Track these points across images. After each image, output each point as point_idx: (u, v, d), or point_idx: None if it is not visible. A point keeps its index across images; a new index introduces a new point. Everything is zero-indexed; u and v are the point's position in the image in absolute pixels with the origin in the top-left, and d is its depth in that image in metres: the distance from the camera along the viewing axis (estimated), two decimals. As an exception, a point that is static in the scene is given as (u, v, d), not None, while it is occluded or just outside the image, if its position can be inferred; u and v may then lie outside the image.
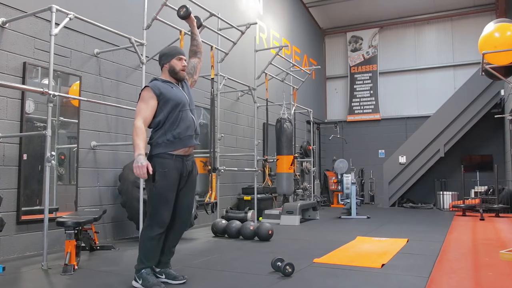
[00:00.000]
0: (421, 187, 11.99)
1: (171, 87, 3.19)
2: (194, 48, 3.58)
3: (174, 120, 3.10)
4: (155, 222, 3.07)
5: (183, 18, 3.59)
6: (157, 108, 3.10)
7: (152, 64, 6.24)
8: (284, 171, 8.10)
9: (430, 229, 6.70)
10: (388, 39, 13.47)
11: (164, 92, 3.11)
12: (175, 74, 3.26)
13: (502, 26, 5.11)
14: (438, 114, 11.42)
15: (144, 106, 3.07)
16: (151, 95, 3.09)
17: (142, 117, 3.03)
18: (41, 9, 4.32)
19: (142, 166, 2.86)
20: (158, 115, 3.09)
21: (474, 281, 3.40)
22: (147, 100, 3.08)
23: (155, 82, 3.19)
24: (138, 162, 2.87)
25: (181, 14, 3.57)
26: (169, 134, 3.08)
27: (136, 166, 2.88)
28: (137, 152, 2.91)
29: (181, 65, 3.26)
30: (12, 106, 4.41)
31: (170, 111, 3.10)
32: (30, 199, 4.54)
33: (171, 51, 3.30)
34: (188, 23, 3.63)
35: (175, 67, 3.25)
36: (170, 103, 3.10)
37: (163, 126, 3.09)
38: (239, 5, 9.10)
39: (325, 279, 3.43)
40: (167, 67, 3.27)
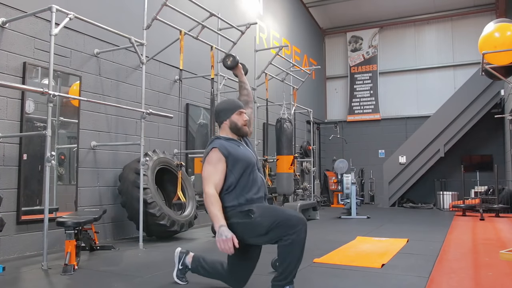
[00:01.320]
0: (421, 187, 11.99)
1: (238, 146, 2.91)
2: (245, 97, 3.30)
3: (246, 183, 2.82)
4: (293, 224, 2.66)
5: (230, 69, 3.34)
6: (226, 171, 2.80)
7: (152, 64, 6.25)
8: (284, 171, 8.09)
9: (430, 229, 6.70)
10: (388, 39, 13.47)
11: (232, 152, 2.82)
12: (238, 130, 2.96)
13: (502, 26, 5.11)
14: (438, 114, 11.42)
15: (212, 170, 2.76)
16: (220, 157, 2.78)
17: (213, 183, 2.73)
18: (41, 9, 4.32)
19: (227, 240, 2.55)
20: (229, 178, 2.79)
21: (474, 281, 3.40)
22: (216, 163, 2.78)
23: (221, 142, 2.87)
24: (222, 236, 2.55)
25: (228, 65, 3.31)
26: (242, 198, 2.79)
27: (220, 240, 2.57)
28: (218, 224, 2.60)
29: (243, 120, 2.96)
30: (12, 106, 4.41)
31: (241, 173, 2.81)
32: (30, 199, 4.54)
33: (230, 106, 2.98)
34: (234, 73, 3.38)
35: (237, 123, 2.95)
36: (240, 164, 2.82)
37: (235, 189, 2.81)
38: (239, 5, 9.10)
39: (325, 279, 3.43)
40: (227, 124, 2.96)
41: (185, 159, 6.87)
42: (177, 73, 6.43)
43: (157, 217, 5.09)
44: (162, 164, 5.69)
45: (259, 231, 2.71)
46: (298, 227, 2.63)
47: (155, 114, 5.34)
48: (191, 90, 7.23)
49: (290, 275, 2.68)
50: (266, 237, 2.70)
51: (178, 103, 6.43)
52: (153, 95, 6.35)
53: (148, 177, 5.20)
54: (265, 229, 2.67)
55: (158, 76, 6.52)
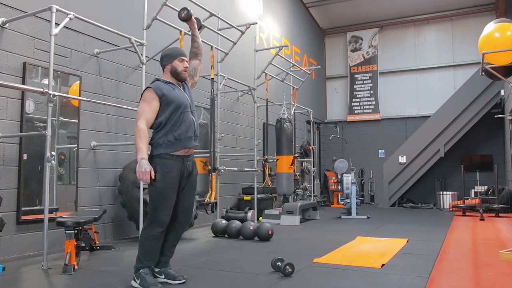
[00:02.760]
0: (421, 187, 11.99)
1: (173, 89, 3.20)
2: (195, 50, 3.59)
3: (176, 122, 3.11)
4: (155, 222, 3.07)
5: (184, 21, 3.60)
6: (159, 109, 3.10)
7: (152, 64, 6.24)
8: (284, 171, 8.09)
9: (430, 229, 6.70)
10: (388, 39, 13.47)
11: (166, 93, 3.11)
12: (177, 75, 3.26)
13: (502, 26, 5.11)
14: (438, 114, 11.43)
15: (146, 107, 3.07)
16: (154, 96, 3.09)
17: (145, 119, 3.03)
18: (41, 9, 4.32)
19: (145, 172, 2.88)
20: (160, 116, 3.10)
21: (474, 281, 3.40)
22: (150, 101, 3.08)
23: (157, 83, 3.19)
24: (142, 168, 2.88)
25: (183, 17, 3.58)
26: (170, 135, 3.09)
27: (139, 171, 2.88)
28: (140, 156, 2.91)
29: (183, 66, 3.26)
30: (12, 106, 4.41)
31: (172, 112, 3.10)
32: (30, 199, 4.54)
33: (173, 52, 3.29)
34: (189, 25, 3.64)
35: (177, 68, 3.24)
36: (172, 104, 3.11)
37: (164, 127, 3.10)
38: (239, 5, 9.10)
39: (325, 279, 3.43)
40: (168, 68, 3.26)
41: (185, 159, 6.86)
42: (177, 73, 6.41)
43: (157, 217, 5.08)
44: (162, 164, 5.68)
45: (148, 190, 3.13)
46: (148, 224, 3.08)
47: (155, 114, 5.33)
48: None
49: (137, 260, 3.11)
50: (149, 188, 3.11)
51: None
52: (153, 95, 6.34)
53: (148, 177, 5.19)
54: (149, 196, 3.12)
55: (158, 76, 6.50)
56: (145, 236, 3.10)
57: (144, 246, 3.10)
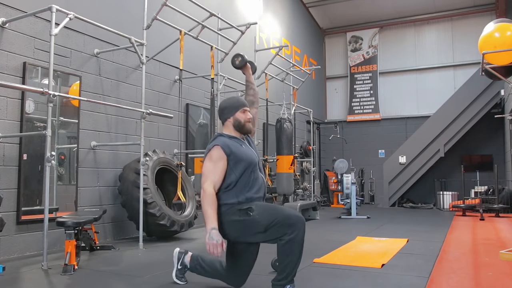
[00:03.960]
0: (421, 187, 11.99)
1: (240, 145, 2.90)
2: (251, 98, 3.31)
3: (247, 182, 2.81)
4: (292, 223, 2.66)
5: (239, 68, 3.33)
6: (227, 169, 2.79)
7: (152, 64, 6.25)
8: (284, 171, 8.09)
9: (430, 229, 6.70)
10: (388, 39, 13.47)
11: (234, 151, 2.81)
12: (242, 128, 2.96)
13: (502, 26, 5.11)
14: (438, 114, 11.43)
15: (212, 167, 2.75)
16: (222, 155, 2.78)
17: (212, 182, 2.72)
18: (41, 9, 4.32)
19: (217, 245, 2.59)
20: (229, 177, 2.79)
21: (474, 281, 3.40)
22: (217, 160, 2.77)
23: (224, 140, 2.86)
24: (213, 239, 2.59)
25: (237, 64, 3.31)
26: (242, 196, 2.78)
27: (210, 243, 2.59)
28: (210, 226, 2.62)
29: (246, 117, 2.97)
30: (12, 106, 4.41)
31: (242, 172, 2.80)
32: (30, 199, 4.54)
33: (235, 104, 2.99)
34: (243, 72, 3.37)
35: (240, 120, 2.95)
36: (242, 163, 2.81)
37: (234, 188, 2.79)
38: (239, 5, 9.10)
39: (325, 279, 3.43)
40: (231, 121, 2.96)
41: (185, 159, 6.87)
42: (177, 73, 6.43)
43: (157, 217, 5.09)
44: (162, 164, 5.69)
45: (257, 229, 2.71)
46: (296, 226, 2.64)
47: (155, 114, 5.35)
48: (191, 90, 7.23)
49: (290, 275, 2.69)
50: (265, 235, 2.71)
51: (178, 103, 6.43)
52: (153, 95, 6.35)
53: (148, 177, 5.20)
54: (264, 227, 2.68)
55: (158, 76, 6.52)
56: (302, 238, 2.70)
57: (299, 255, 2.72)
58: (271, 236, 2.70)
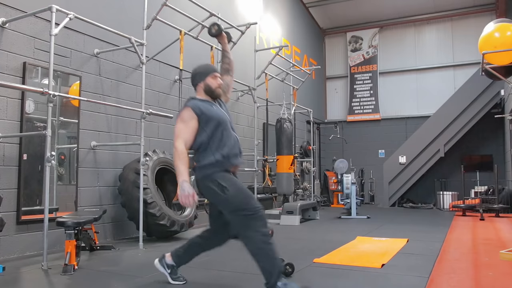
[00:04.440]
0: (421, 187, 11.99)
1: (211, 106, 3.05)
2: (226, 66, 3.46)
3: (220, 140, 2.95)
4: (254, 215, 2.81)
5: (215, 36, 3.47)
6: (199, 128, 2.95)
7: (152, 64, 6.25)
8: (284, 171, 8.09)
9: (430, 229, 6.71)
10: (388, 39, 13.47)
11: (205, 111, 2.97)
12: (212, 92, 3.12)
13: (502, 26, 5.11)
14: (438, 114, 11.42)
15: (183, 127, 2.93)
16: (192, 115, 2.94)
17: (183, 139, 2.89)
18: (41, 9, 4.32)
19: (189, 195, 2.76)
20: (200, 136, 2.95)
21: (474, 281, 3.40)
22: (188, 120, 2.94)
23: (194, 102, 3.04)
24: (185, 191, 2.76)
25: (213, 33, 3.46)
26: (218, 154, 2.92)
27: (182, 194, 2.76)
28: (181, 178, 2.78)
29: (216, 83, 3.13)
30: (12, 106, 4.41)
31: (213, 130, 2.95)
32: (30, 199, 4.54)
33: (205, 69, 3.16)
34: (219, 41, 3.51)
35: (210, 85, 3.11)
36: (212, 122, 2.96)
37: (208, 146, 2.94)
38: (239, 5, 9.10)
39: (325, 279, 3.43)
40: (202, 86, 3.13)
41: (185, 159, 6.85)
42: (177, 73, 6.43)
43: (157, 217, 5.09)
44: (162, 164, 5.69)
45: (225, 207, 2.93)
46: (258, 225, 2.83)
47: (155, 114, 5.35)
48: (191, 90, 7.18)
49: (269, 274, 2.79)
50: (229, 216, 2.92)
51: (178, 103, 6.43)
52: (153, 95, 6.35)
53: (148, 177, 5.20)
54: (230, 209, 2.89)
55: (158, 76, 6.52)
56: (258, 239, 2.81)
57: (267, 254, 2.80)
58: (233, 222, 2.93)
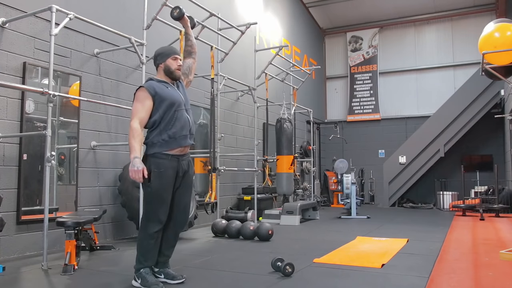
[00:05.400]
0: (421, 187, 11.99)
1: (166, 87, 3.19)
2: (189, 48, 3.59)
3: (170, 120, 3.10)
4: (151, 221, 3.10)
5: (177, 19, 3.58)
6: (153, 108, 3.10)
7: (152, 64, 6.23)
8: (284, 171, 8.10)
9: (430, 229, 6.71)
10: (388, 39, 13.47)
11: (159, 92, 3.12)
12: (171, 73, 3.26)
13: (502, 26, 5.11)
14: (438, 114, 11.43)
15: (140, 107, 3.07)
16: (146, 95, 3.09)
17: (138, 118, 3.03)
18: (41, 9, 4.32)
19: (138, 171, 2.89)
20: (154, 115, 3.10)
21: (474, 281, 3.40)
22: (143, 100, 3.08)
23: (150, 82, 3.19)
24: (134, 166, 2.89)
25: (175, 15, 3.56)
26: (165, 134, 3.09)
27: (132, 169, 2.90)
28: (133, 155, 2.92)
29: (176, 64, 3.26)
30: (12, 106, 4.41)
31: (165, 111, 3.10)
32: (30, 199, 4.54)
33: (166, 51, 3.29)
34: (181, 24, 3.63)
35: (170, 66, 3.24)
36: (165, 103, 3.11)
37: (159, 126, 3.10)
38: (239, 5, 9.10)
39: (325, 279, 3.43)
40: (162, 67, 3.26)
41: (185, 159, 6.85)
42: (177, 73, 6.41)
43: (157, 217, 5.09)
44: (162, 164, 5.68)
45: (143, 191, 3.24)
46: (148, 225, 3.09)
47: (155, 114, 5.34)
48: (191, 90, 7.19)
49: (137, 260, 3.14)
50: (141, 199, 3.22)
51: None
52: (153, 95, 6.34)
53: (148, 177, 5.19)
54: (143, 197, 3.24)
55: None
56: (142, 236, 3.13)
57: (142, 246, 3.12)
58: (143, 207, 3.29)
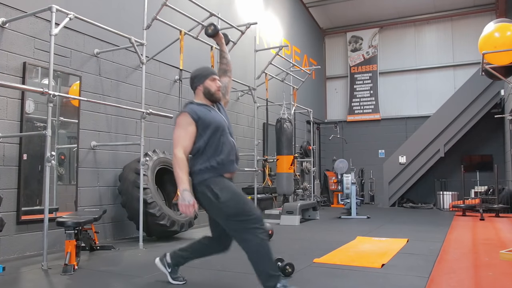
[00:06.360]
0: (421, 187, 11.99)
1: (209, 111, 2.98)
2: (224, 66, 3.41)
3: (216, 146, 2.89)
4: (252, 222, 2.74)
5: (211, 36, 3.42)
6: (196, 134, 2.89)
7: (152, 64, 6.25)
8: (284, 171, 8.09)
9: (430, 229, 6.70)
10: (388, 39, 13.47)
11: (202, 116, 2.90)
12: (211, 96, 3.05)
13: (502, 26, 5.11)
14: (438, 114, 11.43)
15: (182, 133, 2.86)
16: (189, 120, 2.88)
17: (182, 146, 2.82)
18: (41, 9, 4.32)
19: (189, 205, 2.70)
20: (198, 141, 2.88)
21: (474, 281, 3.40)
22: (185, 126, 2.87)
23: (191, 106, 2.98)
24: (185, 200, 2.70)
25: (209, 33, 3.40)
26: (213, 161, 2.86)
27: (182, 204, 2.70)
28: (182, 187, 2.73)
29: (215, 85, 3.05)
30: (12, 106, 4.41)
31: (210, 136, 2.89)
32: (30, 199, 4.54)
33: (204, 72, 3.08)
34: (216, 41, 3.46)
35: (210, 88, 3.04)
36: (210, 127, 2.90)
37: (204, 152, 2.88)
38: (239, 5, 9.10)
39: (325, 279, 3.43)
40: (201, 89, 3.06)
41: (185, 159, 6.85)
42: (177, 73, 6.43)
43: (157, 217, 5.09)
44: (162, 164, 5.69)
45: (220, 214, 2.84)
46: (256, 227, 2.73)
47: (155, 114, 5.35)
48: (191, 90, 7.18)
49: (261, 275, 2.75)
50: (226, 222, 2.84)
51: (178, 103, 6.43)
52: (153, 95, 6.35)
53: (148, 177, 5.20)
54: (226, 215, 2.80)
55: (158, 76, 6.52)
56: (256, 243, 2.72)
57: (264, 255, 2.73)
58: (229, 228, 2.83)
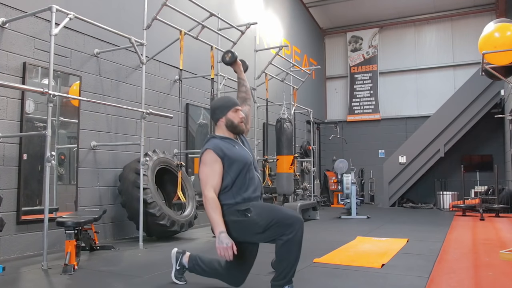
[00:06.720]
0: (421, 187, 11.99)
1: (233, 146, 2.86)
2: (243, 94, 3.23)
3: (243, 183, 2.80)
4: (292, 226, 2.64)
5: (229, 64, 3.29)
6: (223, 171, 2.78)
7: (152, 64, 6.25)
8: (284, 171, 8.09)
9: (430, 229, 6.70)
10: (388, 39, 13.47)
11: (228, 153, 2.78)
12: (234, 128, 2.91)
13: (502, 26, 5.11)
14: (438, 114, 11.43)
15: (210, 172, 2.73)
16: (215, 158, 2.75)
17: (212, 186, 2.71)
18: (41, 9, 4.32)
19: (227, 248, 2.57)
20: (225, 179, 2.77)
21: (474, 281, 3.40)
22: (212, 164, 2.74)
23: (215, 142, 2.83)
24: (223, 243, 2.58)
25: (227, 60, 3.27)
26: (238, 197, 2.77)
27: (220, 247, 2.59)
28: (218, 230, 2.62)
29: (238, 117, 2.91)
30: (12, 106, 4.41)
31: (237, 174, 2.78)
32: (30, 199, 4.54)
33: (226, 103, 2.93)
34: (234, 69, 3.30)
35: (233, 120, 2.90)
36: (236, 165, 2.78)
37: (231, 190, 2.78)
38: (239, 5, 9.10)
39: (325, 279, 3.43)
40: (223, 121, 2.91)
41: (185, 159, 6.87)
42: (177, 73, 6.43)
43: (157, 217, 5.09)
44: (162, 164, 5.69)
45: (256, 230, 2.70)
46: (295, 226, 2.63)
47: (155, 114, 5.35)
48: (191, 90, 7.23)
49: (288, 275, 2.68)
50: (263, 236, 2.71)
51: (178, 103, 6.43)
52: (153, 95, 6.35)
53: (148, 177, 5.20)
54: (262, 227, 2.67)
55: (158, 76, 6.52)
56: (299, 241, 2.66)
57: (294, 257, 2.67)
58: (269, 237, 2.70)
